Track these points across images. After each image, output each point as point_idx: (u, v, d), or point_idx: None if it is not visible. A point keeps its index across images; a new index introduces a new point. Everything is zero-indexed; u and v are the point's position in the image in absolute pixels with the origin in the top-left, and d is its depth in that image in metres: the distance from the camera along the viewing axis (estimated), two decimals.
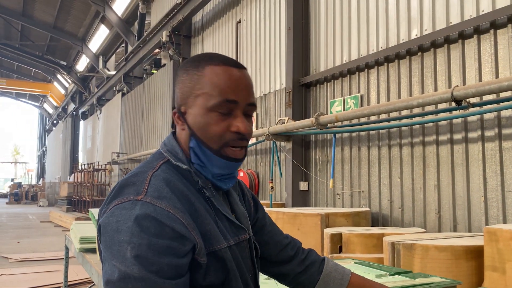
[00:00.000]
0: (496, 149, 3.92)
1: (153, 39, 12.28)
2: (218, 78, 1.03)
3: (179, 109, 1.09)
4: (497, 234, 2.86)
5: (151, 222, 0.90)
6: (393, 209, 4.98)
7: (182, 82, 1.09)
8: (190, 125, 1.06)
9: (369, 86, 5.42)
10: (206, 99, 1.03)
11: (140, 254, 0.87)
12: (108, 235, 0.92)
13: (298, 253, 1.33)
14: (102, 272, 0.93)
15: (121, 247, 0.88)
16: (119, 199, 0.96)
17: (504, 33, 3.92)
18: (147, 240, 0.88)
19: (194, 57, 1.12)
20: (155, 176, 1.01)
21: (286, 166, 6.53)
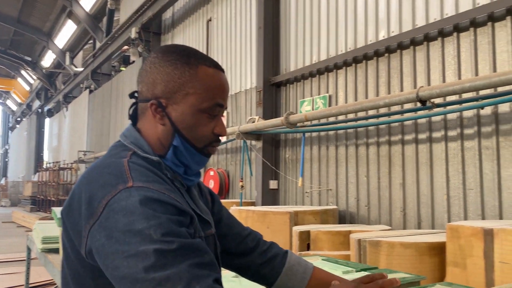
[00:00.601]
0: (458, 148, 4.06)
1: (122, 35, 12.07)
2: (211, 81, 1.06)
3: (158, 101, 1.06)
4: (458, 231, 2.96)
5: (155, 203, 0.91)
6: (359, 207, 5.08)
7: (168, 75, 1.06)
8: (175, 122, 1.05)
9: (337, 86, 5.50)
10: (199, 100, 1.05)
11: (166, 232, 0.87)
12: (119, 232, 0.88)
13: (259, 245, 1.33)
14: (115, 274, 0.87)
15: (142, 235, 0.86)
16: (108, 195, 0.92)
17: (467, 36, 4.05)
18: (163, 218, 0.89)
19: (178, 48, 1.10)
20: (131, 163, 1.00)
21: (256, 165, 6.55)
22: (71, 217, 0.99)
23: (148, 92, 1.08)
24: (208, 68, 1.08)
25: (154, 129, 1.08)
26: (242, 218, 4.67)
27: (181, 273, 0.85)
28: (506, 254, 2.68)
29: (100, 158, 1.09)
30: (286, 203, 6.30)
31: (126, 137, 1.11)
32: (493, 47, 3.84)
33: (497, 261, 2.71)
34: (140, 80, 1.12)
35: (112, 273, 0.87)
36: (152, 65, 1.09)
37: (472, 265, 2.84)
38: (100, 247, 0.89)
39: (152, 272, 0.84)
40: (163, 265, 0.84)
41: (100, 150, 14.22)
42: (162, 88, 1.06)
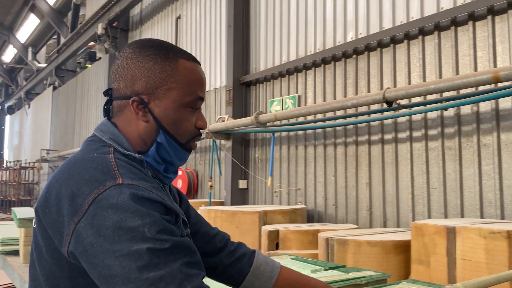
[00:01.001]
0: (423, 149, 4.17)
1: (88, 31, 11.77)
2: (192, 75, 1.06)
3: (140, 98, 1.04)
4: (423, 229, 3.04)
5: (146, 201, 0.90)
6: (327, 206, 5.14)
7: (148, 70, 1.03)
8: (159, 118, 1.04)
9: (306, 86, 5.55)
10: (181, 94, 1.04)
11: (160, 229, 0.87)
12: (109, 230, 0.85)
13: (227, 245, 1.33)
14: (105, 273, 0.85)
15: (134, 233, 0.85)
16: (95, 191, 0.89)
17: (431, 40, 4.17)
18: (157, 216, 0.89)
19: (154, 43, 1.08)
20: (117, 159, 0.97)
21: (225, 165, 6.53)
22: (49, 214, 0.94)
23: (127, 88, 1.05)
24: (187, 62, 1.08)
25: (135, 127, 1.06)
26: (211, 218, 4.64)
27: (174, 272, 0.84)
28: (467, 251, 2.77)
29: (77, 152, 1.04)
30: (255, 202, 6.31)
31: (103, 132, 1.07)
32: (456, 50, 3.96)
33: (459, 258, 2.81)
34: (117, 76, 1.08)
35: (101, 271, 0.85)
36: (129, 61, 1.06)
37: (436, 262, 2.92)
38: (88, 245, 0.86)
39: (145, 272, 0.83)
40: (157, 264, 0.84)
41: (64, 148, 13.82)
42: (143, 84, 1.04)
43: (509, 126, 3.56)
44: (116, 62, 1.10)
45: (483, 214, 3.67)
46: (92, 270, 0.87)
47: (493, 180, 3.62)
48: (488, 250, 2.68)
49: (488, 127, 3.70)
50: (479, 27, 3.82)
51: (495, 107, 3.65)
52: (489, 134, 3.69)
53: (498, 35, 3.68)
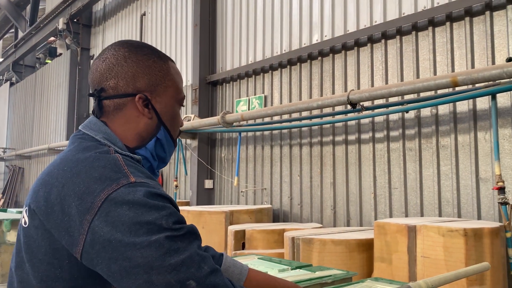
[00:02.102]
0: (384, 149, 4.29)
1: (48, 26, 11.38)
2: (178, 75, 1.15)
3: (145, 94, 1.06)
4: (385, 228, 3.14)
5: (159, 197, 0.93)
6: (293, 206, 5.21)
7: (149, 68, 1.07)
8: (160, 114, 1.08)
9: (272, 87, 5.60)
10: (176, 92, 1.12)
11: (176, 220, 0.91)
12: (127, 225, 0.87)
13: None
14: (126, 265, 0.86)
15: (151, 225, 0.88)
16: (107, 188, 0.90)
17: (393, 44, 4.30)
18: (172, 208, 0.93)
19: (145, 44, 1.13)
20: (124, 159, 0.99)
21: (191, 164, 6.49)
22: (52, 214, 0.93)
23: (127, 86, 1.06)
24: (173, 63, 1.16)
25: (134, 124, 1.07)
26: None
27: (192, 256, 0.90)
28: (427, 249, 2.88)
29: (71, 150, 1.02)
30: (221, 202, 6.31)
31: (94, 130, 1.06)
32: (416, 54, 4.11)
33: (419, 256, 2.92)
34: (112, 74, 1.07)
35: (123, 264, 0.86)
36: (127, 59, 1.07)
37: (397, 260, 3.03)
38: (106, 242, 0.87)
39: (168, 258, 0.86)
40: (176, 250, 0.88)
41: (22, 147, 13.32)
42: (146, 81, 1.07)
43: (466, 128, 3.73)
44: (105, 61, 1.09)
45: (442, 212, 3.83)
46: (112, 265, 0.87)
47: (451, 180, 3.78)
48: (447, 247, 2.80)
49: (446, 129, 3.86)
50: (438, 33, 3.97)
51: (452, 110, 3.81)
52: (447, 136, 3.85)
53: (456, 41, 3.84)
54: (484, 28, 3.66)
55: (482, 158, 3.62)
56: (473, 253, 2.76)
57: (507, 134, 3.48)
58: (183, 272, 0.87)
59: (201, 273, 0.89)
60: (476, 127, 3.67)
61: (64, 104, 10.57)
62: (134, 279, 0.86)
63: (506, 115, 3.49)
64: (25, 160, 13.06)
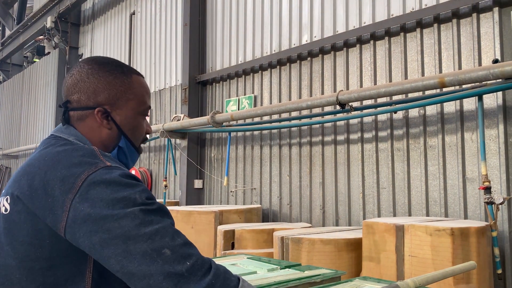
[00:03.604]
0: (373, 150, 4.33)
1: (36, 24, 11.27)
2: (143, 87, 1.25)
3: (104, 108, 1.17)
4: (373, 227, 3.17)
5: (133, 178, 1.04)
6: (282, 205, 5.23)
7: (109, 83, 1.18)
8: (120, 125, 1.19)
9: (262, 87, 5.61)
10: (137, 104, 1.22)
11: (148, 196, 1.02)
12: (105, 201, 0.97)
13: None
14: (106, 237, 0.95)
15: (127, 200, 0.98)
16: (87, 170, 1.01)
17: (382, 45, 4.33)
18: (143, 186, 1.04)
19: (109, 60, 1.23)
20: (99, 150, 1.11)
21: (181, 164, 6.47)
22: (36, 197, 1.02)
23: (89, 100, 1.17)
24: (138, 77, 1.25)
25: (97, 133, 1.18)
26: None
27: (166, 227, 0.98)
28: (414, 248, 2.91)
29: (47, 148, 1.12)
30: (211, 202, 6.30)
31: (66, 134, 1.17)
32: (405, 56, 4.15)
33: (407, 255, 2.95)
34: (77, 89, 1.19)
35: (103, 236, 0.95)
36: (90, 76, 1.18)
37: (385, 259, 3.05)
38: (87, 216, 0.96)
39: (142, 228, 0.95)
40: (150, 221, 0.97)
41: (9, 146, 13.16)
42: (106, 96, 1.18)
43: (453, 128, 3.77)
44: (72, 77, 1.20)
45: (429, 212, 3.87)
46: (93, 237, 0.96)
47: (438, 180, 3.82)
48: (434, 246, 2.83)
49: (434, 129, 3.90)
50: (426, 34, 4.01)
51: (440, 111, 3.85)
52: (434, 136, 3.89)
53: (443, 42, 3.89)
54: (471, 30, 3.71)
55: (469, 158, 3.67)
56: (460, 252, 2.79)
57: (493, 135, 3.53)
58: (158, 241, 0.95)
59: (174, 242, 0.96)
60: (463, 128, 3.72)
61: (52, 103, 10.46)
62: (114, 249, 0.94)
63: (492, 116, 3.54)
64: (12, 160, 12.90)
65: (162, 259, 0.93)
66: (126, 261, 0.93)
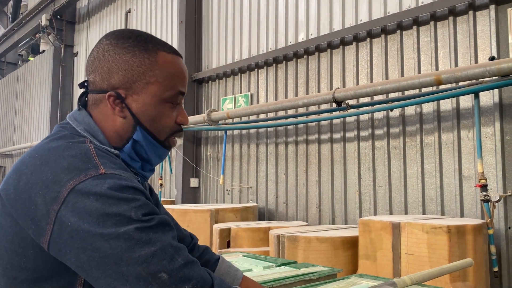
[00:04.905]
0: (369, 148, 4.31)
1: (30, 22, 11.19)
2: (172, 68, 1.02)
3: (117, 92, 0.99)
4: (370, 225, 3.15)
5: (130, 189, 0.88)
6: (278, 204, 5.21)
7: (125, 63, 0.99)
8: (136, 114, 1.00)
9: (258, 85, 5.59)
10: (161, 89, 1.00)
11: (146, 212, 0.87)
12: (95, 216, 0.83)
13: (193, 250, 1.30)
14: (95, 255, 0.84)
15: (120, 217, 0.84)
16: (75, 178, 0.86)
17: (378, 42, 4.32)
18: (142, 200, 0.89)
19: (133, 34, 1.03)
20: (96, 149, 0.94)
21: (176, 163, 6.44)
22: (19, 202, 0.90)
23: (103, 82, 1.01)
24: (168, 54, 1.03)
25: (111, 122, 1.01)
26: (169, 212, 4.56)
27: (165, 248, 0.86)
28: (411, 246, 2.90)
29: (46, 140, 0.98)
30: (206, 201, 6.27)
31: (77, 121, 1.02)
32: (401, 53, 4.13)
33: (403, 253, 2.94)
34: (92, 69, 1.03)
35: (92, 254, 0.83)
36: (106, 53, 1.01)
37: (382, 257, 3.04)
38: (74, 232, 0.84)
39: (137, 250, 0.83)
40: (148, 241, 0.84)
41: (3, 145, 13.09)
42: (120, 78, 0.99)
43: (449, 126, 3.76)
44: (92, 53, 1.05)
45: (425, 210, 3.86)
46: (81, 255, 0.84)
47: (434, 178, 3.81)
48: (430, 244, 2.82)
49: (430, 127, 3.89)
50: (422, 32, 4.00)
51: (436, 109, 3.84)
52: (431, 134, 3.88)
53: (440, 40, 3.88)
54: (468, 27, 3.70)
55: (465, 156, 3.66)
56: (456, 250, 2.78)
57: (489, 133, 3.52)
58: (154, 264, 0.84)
59: (173, 265, 0.85)
60: (459, 126, 3.71)
61: (47, 102, 10.40)
62: (104, 270, 0.83)
63: (489, 113, 3.53)
64: (6, 159, 12.82)
65: (158, 283, 0.83)
66: (117, 283, 0.83)
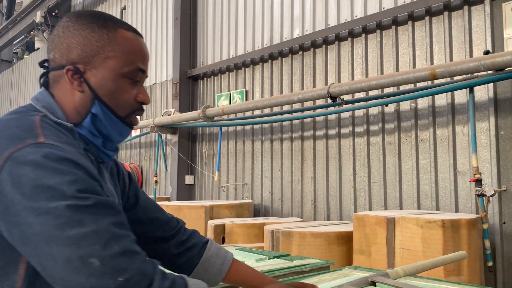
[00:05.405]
0: (364, 144, 4.30)
1: (25, 19, 11.12)
2: (131, 45, 1.03)
3: (75, 66, 1.00)
4: (364, 220, 3.14)
5: (68, 162, 0.85)
6: (273, 201, 5.19)
7: (84, 38, 1.00)
8: (95, 88, 1.00)
9: (254, 81, 5.57)
10: (119, 63, 1.01)
11: (81, 188, 0.83)
12: (28, 187, 0.81)
13: (179, 234, 1.29)
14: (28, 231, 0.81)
15: (53, 191, 0.81)
16: (12, 147, 0.84)
17: (374, 38, 4.31)
18: (79, 174, 0.85)
19: (92, 12, 1.04)
20: (43, 122, 0.93)
21: (171, 160, 6.41)
22: None
23: (62, 58, 1.01)
24: (127, 32, 1.05)
25: (71, 97, 1.01)
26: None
27: (99, 231, 0.81)
28: (405, 240, 2.89)
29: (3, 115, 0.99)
30: (202, 198, 6.25)
31: (38, 100, 1.02)
32: (396, 49, 4.12)
33: (398, 247, 2.93)
34: (52, 47, 1.04)
35: (24, 230, 0.81)
36: (65, 29, 1.02)
37: (376, 252, 3.03)
38: (9, 203, 0.82)
39: (67, 229, 0.79)
40: (79, 221, 0.81)
41: None
42: (79, 52, 1.00)
43: (444, 122, 3.76)
44: (52, 32, 1.06)
45: (420, 206, 3.85)
46: (14, 230, 0.83)
47: (429, 173, 3.81)
48: (425, 238, 2.81)
49: (425, 123, 3.88)
50: (417, 27, 3.99)
51: (431, 104, 3.83)
52: (426, 130, 3.87)
53: (435, 35, 3.87)
54: (463, 22, 3.69)
55: (460, 151, 3.65)
56: (450, 244, 2.77)
57: (484, 128, 3.51)
58: (85, 248, 0.79)
59: (107, 251, 0.80)
60: (454, 121, 3.70)
61: None
62: (35, 248, 0.80)
63: (483, 109, 3.52)
64: None
65: (88, 270, 0.78)
66: (47, 264, 0.80)
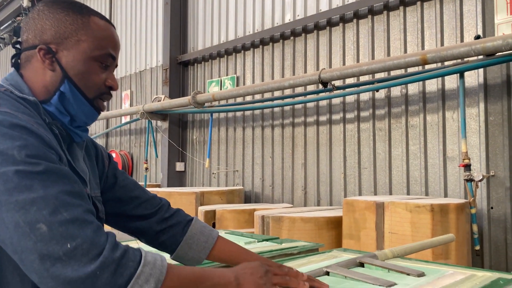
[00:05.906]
0: (355, 130, 4.30)
1: (11, 4, 10.94)
2: (104, 31, 1.09)
3: (48, 46, 1.03)
4: (354, 205, 3.15)
5: (22, 129, 0.86)
6: (264, 187, 5.19)
7: (59, 20, 1.05)
8: (65, 68, 1.04)
9: (245, 68, 5.53)
10: (91, 47, 1.05)
11: (32, 153, 0.84)
12: None
13: (161, 211, 1.30)
14: None
15: (3, 155, 0.82)
16: None
17: (365, 23, 4.28)
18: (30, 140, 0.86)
19: (68, 0, 1.09)
20: (1, 93, 0.96)
21: (162, 147, 6.38)
22: None
23: (35, 38, 1.05)
24: (100, 20, 1.11)
25: (41, 76, 1.04)
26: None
27: (48, 198, 0.82)
28: (394, 225, 2.91)
29: None
30: (192, 185, 6.24)
31: (7, 80, 1.05)
32: (387, 34, 4.10)
33: (387, 232, 2.94)
34: (26, 28, 1.07)
35: None
36: (40, 12, 1.06)
37: (365, 237, 3.05)
38: None
39: (15, 194, 0.80)
40: (29, 187, 0.81)
41: None
42: (52, 34, 1.04)
43: (434, 107, 3.76)
44: (27, 15, 1.10)
45: (410, 191, 3.87)
46: None
47: (419, 159, 3.82)
48: (414, 223, 2.83)
49: (415, 108, 3.88)
50: (409, 13, 3.97)
51: (422, 90, 3.83)
52: (416, 116, 3.88)
53: (426, 20, 3.86)
54: (454, 8, 3.68)
55: (450, 137, 3.67)
56: (439, 229, 2.79)
57: (473, 113, 3.53)
58: (33, 213, 0.80)
59: (55, 218, 0.81)
60: (444, 107, 3.71)
61: None
62: None
63: (473, 94, 3.53)
64: None
65: (36, 236, 0.79)
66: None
